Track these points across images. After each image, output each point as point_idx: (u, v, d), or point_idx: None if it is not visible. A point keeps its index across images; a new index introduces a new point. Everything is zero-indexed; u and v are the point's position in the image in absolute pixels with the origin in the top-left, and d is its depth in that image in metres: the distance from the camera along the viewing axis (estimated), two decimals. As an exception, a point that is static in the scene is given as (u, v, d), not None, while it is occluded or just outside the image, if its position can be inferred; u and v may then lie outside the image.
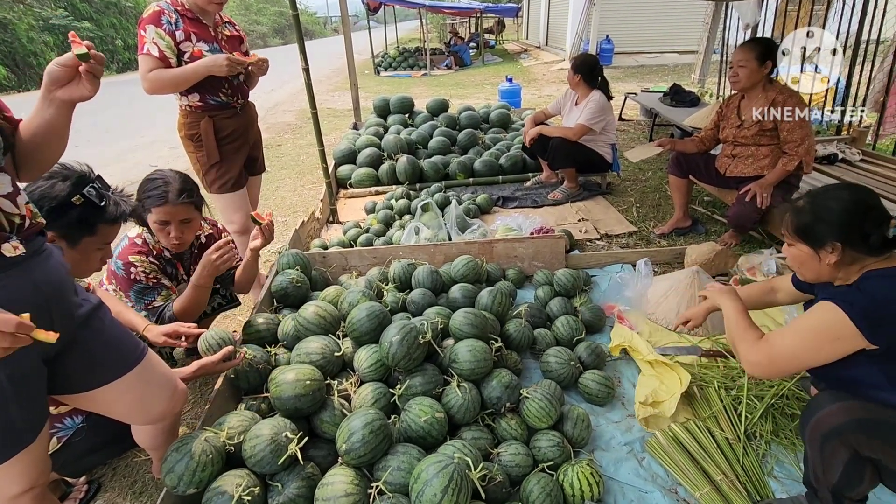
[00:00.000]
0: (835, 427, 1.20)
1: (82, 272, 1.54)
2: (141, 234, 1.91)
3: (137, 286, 1.83)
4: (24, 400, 1.04)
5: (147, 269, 1.85)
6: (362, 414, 1.50)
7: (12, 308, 0.97)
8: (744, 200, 2.72)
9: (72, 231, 1.42)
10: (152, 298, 1.86)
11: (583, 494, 1.52)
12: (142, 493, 1.72)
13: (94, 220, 1.45)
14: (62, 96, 1.06)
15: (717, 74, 6.27)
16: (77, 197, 1.39)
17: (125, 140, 7.36)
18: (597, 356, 2.09)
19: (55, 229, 1.39)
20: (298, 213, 4.11)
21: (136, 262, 1.83)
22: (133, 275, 1.82)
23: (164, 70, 2.16)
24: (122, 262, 1.82)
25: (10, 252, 0.98)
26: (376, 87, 10.76)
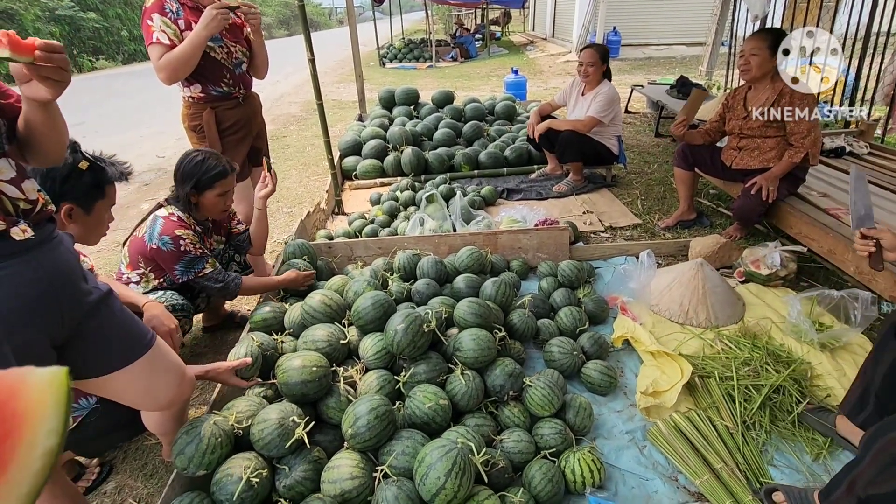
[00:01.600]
0: None
1: (97, 236, 1.64)
2: (172, 212, 1.98)
3: (187, 257, 1.94)
4: None
5: (194, 241, 1.97)
6: (368, 400, 1.52)
7: (21, 294, 1.00)
8: (749, 193, 2.72)
9: (86, 197, 1.53)
10: (202, 267, 1.98)
11: (584, 480, 1.55)
12: (152, 476, 1.76)
13: (101, 182, 1.56)
14: (26, 93, 0.99)
15: (726, 67, 6.22)
16: (83, 162, 1.49)
17: (131, 131, 7.39)
18: (599, 346, 2.11)
19: (72, 198, 1.49)
20: (304, 204, 4.13)
21: (184, 236, 1.94)
22: (183, 246, 1.93)
23: (171, 52, 2.17)
24: (168, 237, 1.91)
25: (20, 235, 0.99)
26: (381, 79, 10.73)
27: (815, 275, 2.69)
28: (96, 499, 1.69)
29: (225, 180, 2.02)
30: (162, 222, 1.94)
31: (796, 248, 2.60)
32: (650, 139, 5.43)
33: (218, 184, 2.00)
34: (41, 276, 1.04)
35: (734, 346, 2.12)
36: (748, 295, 2.52)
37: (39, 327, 1.04)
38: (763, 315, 2.35)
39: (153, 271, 1.99)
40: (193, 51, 2.19)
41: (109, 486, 1.73)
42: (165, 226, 1.93)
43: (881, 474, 1.15)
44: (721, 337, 2.20)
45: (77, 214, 1.53)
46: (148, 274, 1.99)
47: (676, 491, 1.60)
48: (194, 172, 1.97)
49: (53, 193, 1.47)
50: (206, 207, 2.06)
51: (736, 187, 3.06)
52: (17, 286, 0.99)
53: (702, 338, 2.21)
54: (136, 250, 1.97)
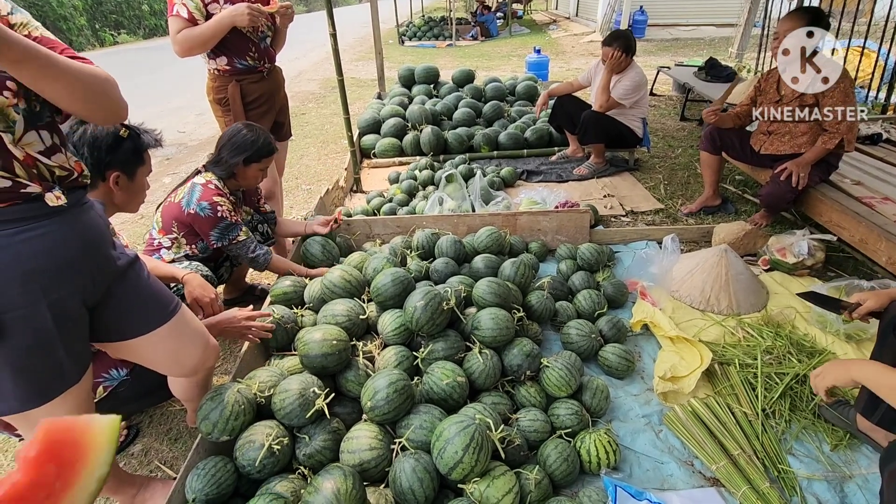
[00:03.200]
0: None
1: (137, 203, 1.69)
2: (209, 180, 2.04)
3: (223, 224, 2.01)
4: (70, 342, 1.10)
5: (230, 209, 2.03)
6: (387, 374, 1.54)
7: (55, 253, 1.02)
8: (779, 179, 2.64)
9: (129, 163, 1.58)
10: (236, 234, 2.06)
11: (599, 461, 1.55)
12: (177, 440, 1.82)
13: (140, 148, 1.61)
14: None
15: (757, 49, 5.99)
16: (123, 130, 1.54)
17: (152, 106, 7.46)
18: (618, 330, 2.09)
19: (116, 165, 1.54)
20: (323, 181, 4.15)
21: (221, 202, 2.00)
22: (220, 213, 1.99)
23: (191, 29, 2.18)
24: (207, 202, 1.97)
25: (53, 202, 1.02)
26: (401, 57, 10.60)
27: (844, 265, 2.62)
28: (124, 459, 1.76)
29: (270, 157, 2.12)
30: (201, 189, 2.00)
31: (825, 236, 2.53)
32: (675, 122, 5.30)
33: (265, 159, 2.10)
34: (73, 237, 1.06)
35: (756, 335, 2.08)
36: (772, 283, 2.47)
37: (72, 287, 1.07)
38: (787, 304, 2.30)
39: (186, 237, 2.03)
40: (213, 35, 2.20)
41: (136, 448, 1.80)
42: (204, 192, 1.99)
43: None
44: (743, 325, 2.17)
45: (122, 181, 1.58)
46: (180, 239, 2.03)
47: (692, 475, 1.60)
48: (246, 146, 2.05)
49: (101, 162, 1.52)
50: (245, 178, 2.12)
51: (764, 173, 2.97)
52: (51, 246, 1.02)
53: (723, 325, 2.18)
54: (170, 215, 2.02)
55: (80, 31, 16.22)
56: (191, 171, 2.18)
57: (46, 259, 1.01)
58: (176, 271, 1.76)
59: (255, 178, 2.15)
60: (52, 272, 1.03)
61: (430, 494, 1.35)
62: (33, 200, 0.99)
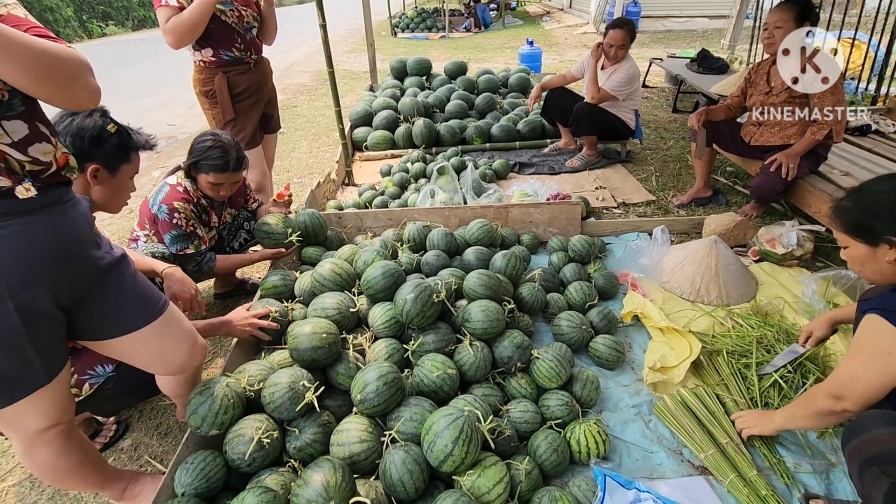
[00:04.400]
0: (878, 454, 1.09)
1: (119, 203, 1.67)
2: (181, 181, 2.00)
3: (176, 231, 1.97)
4: (40, 343, 1.07)
5: (188, 217, 1.99)
6: (377, 366, 1.54)
7: (23, 254, 0.98)
8: (768, 170, 2.65)
9: (112, 158, 1.56)
10: (185, 246, 2.01)
11: (589, 451, 1.56)
12: (167, 435, 1.81)
13: (128, 147, 1.59)
14: None
15: (749, 41, 5.99)
16: (112, 125, 1.53)
17: (142, 99, 7.36)
18: (608, 321, 2.10)
19: (98, 158, 1.52)
20: (314, 174, 4.12)
21: (180, 209, 1.96)
22: (176, 220, 1.95)
23: (179, 15, 2.14)
24: (167, 206, 1.94)
25: (23, 194, 0.98)
26: (393, 49, 10.51)
27: (833, 256, 2.64)
28: (113, 455, 1.75)
29: (220, 174, 1.99)
30: (167, 190, 1.97)
31: (814, 227, 2.55)
32: (667, 114, 5.30)
33: (212, 174, 1.98)
34: (46, 237, 1.03)
35: (745, 325, 2.10)
36: (762, 274, 2.49)
37: (44, 287, 1.05)
38: (776, 294, 2.32)
39: (156, 234, 2.02)
40: (201, 16, 2.15)
41: (126, 443, 1.79)
42: (169, 194, 1.96)
43: (865, 487, 1.12)
44: (732, 315, 2.18)
45: (102, 176, 1.56)
46: (152, 236, 2.03)
47: (681, 464, 1.61)
48: (197, 153, 1.98)
49: (82, 151, 1.49)
50: (200, 185, 2.07)
51: (755, 164, 2.98)
52: (20, 245, 0.99)
53: (713, 315, 2.20)
54: (144, 210, 2.03)
55: (66, 23, 15.93)
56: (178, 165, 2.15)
57: (15, 259, 0.98)
58: (156, 265, 1.74)
59: (207, 188, 2.04)
60: (21, 273, 0.99)
61: (421, 486, 1.35)
62: (3, 196, 0.96)
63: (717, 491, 1.51)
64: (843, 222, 1.30)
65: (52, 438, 1.22)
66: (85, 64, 1.01)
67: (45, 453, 1.23)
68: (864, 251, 1.26)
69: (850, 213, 1.28)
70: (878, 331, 1.18)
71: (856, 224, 1.26)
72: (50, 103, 1.01)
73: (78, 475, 1.32)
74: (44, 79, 0.93)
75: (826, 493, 1.49)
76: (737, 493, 1.47)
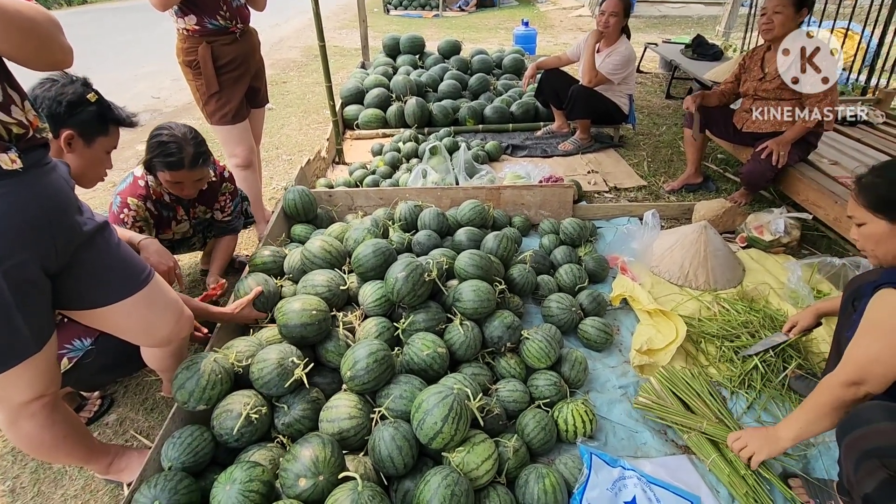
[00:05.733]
0: (880, 448, 1.08)
1: (93, 177, 1.60)
2: (144, 175, 1.90)
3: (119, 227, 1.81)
4: (29, 310, 1.05)
5: (137, 216, 1.86)
6: (367, 344, 1.53)
7: (9, 218, 0.96)
8: (759, 158, 2.66)
9: (89, 127, 1.50)
10: None
11: (576, 430, 1.58)
12: (153, 410, 1.79)
13: (107, 118, 1.53)
14: None
15: (744, 28, 5.97)
16: (92, 94, 1.48)
17: (126, 69, 7.12)
18: (598, 304, 2.11)
19: (74, 125, 1.47)
20: (304, 151, 4.04)
21: (132, 205, 1.84)
22: (123, 216, 1.83)
23: None
24: (119, 198, 1.84)
25: (7, 165, 0.95)
26: (385, 27, 10.28)
27: (818, 243, 2.68)
28: (98, 429, 1.73)
29: (176, 172, 1.79)
30: (129, 181, 1.88)
31: (801, 215, 2.58)
32: (660, 100, 5.28)
33: (169, 172, 1.79)
34: (32, 200, 1.00)
35: (731, 309, 2.13)
36: (748, 260, 2.52)
37: (31, 253, 1.02)
38: (762, 280, 2.35)
39: None
40: None
41: (111, 417, 1.77)
42: (127, 188, 1.86)
43: (859, 476, 1.12)
44: (719, 300, 2.21)
45: (77, 145, 1.50)
46: None
47: (664, 443, 1.64)
48: (150, 149, 1.79)
49: (58, 115, 1.44)
50: (167, 185, 1.87)
51: (746, 151, 3.00)
52: (5, 210, 0.96)
53: (699, 300, 2.23)
54: None
55: (44, -11, 15.30)
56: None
57: (1, 224, 0.95)
58: (133, 236, 1.70)
59: (169, 187, 1.85)
60: (8, 237, 0.97)
61: (409, 462, 1.36)
62: None
63: (700, 470, 1.55)
64: (867, 197, 1.27)
65: (37, 410, 1.20)
66: (56, 23, 0.98)
67: (30, 425, 1.21)
68: (884, 228, 1.24)
69: (876, 188, 1.25)
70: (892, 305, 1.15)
71: (882, 199, 1.24)
72: (25, 65, 0.97)
73: (63, 448, 1.31)
74: (21, 40, 0.91)
75: (803, 470, 1.54)
76: (718, 471, 1.51)
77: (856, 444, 1.12)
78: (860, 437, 1.12)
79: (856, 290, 1.44)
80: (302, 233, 2.40)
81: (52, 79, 1.47)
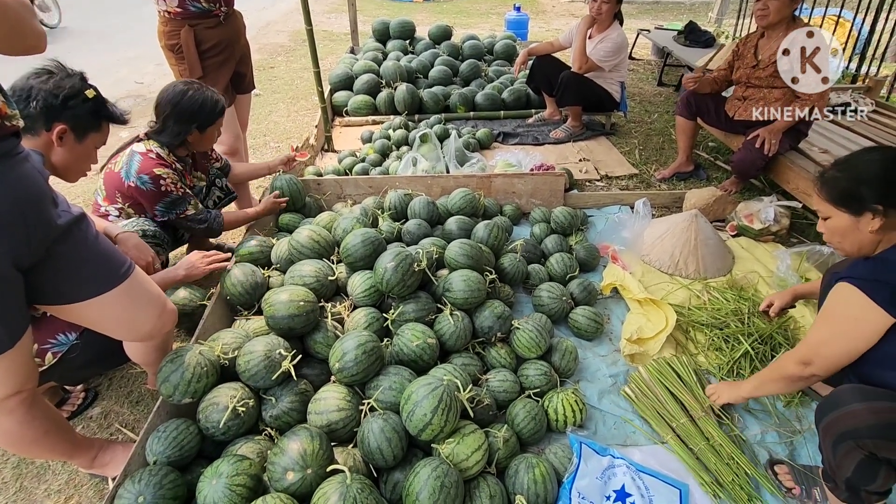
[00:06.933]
0: (854, 429, 1.11)
1: (78, 171, 1.57)
2: (150, 148, 1.87)
3: (169, 198, 1.86)
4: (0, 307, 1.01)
5: (175, 180, 1.88)
6: (356, 335, 1.51)
7: None
8: (751, 146, 2.66)
9: (82, 123, 1.49)
10: (184, 209, 1.92)
11: (566, 420, 1.58)
12: (138, 403, 1.76)
13: (101, 114, 1.52)
14: None
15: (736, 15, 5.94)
16: (90, 90, 1.47)
17: (107, 54, 6.93)
18: (588, 293, 2.11)
19: (67, 120, 1.45)
20: (292, 139, 3.97)
21: (164, 175, 1.84)
22: (164, 186, 1.84)
23: None
24: (147, 175, 1.81)
25: None
26: (375, 11, 10.09)
27: (807, 232, 2.69)
28: (82, 423, 1.70)
29: (222, 115, 1.96)
30: (140, 159, 1.82)
31: (791, 203, 2.59)
32: (652, 88, 5.26)
33: (219, 119, 1.94)
34: (2, 191, 0.96)
35: (721, 298, 2.14)
36: (738, 249, 2.53)
37: (2, 246, 0.98)
38: (751, 269, 2.36)
39: (132, 207, 1.89)
40: None
41: (95, 411, 1.74)
42: (143, 163, 1.82)
43: (837, 459, 1.17)
44: (708, 288, 2.22)
45: (68, 139, 1.47)
46: (127, 209, 1.89)
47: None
48: (197, 109, 1.88)
49: (53, 109, 1.41)
50: (201, 143, 1.99)
51: (737, 139, 2.99)
52: None
53: (689, 289, 2.23)
54: (112, 185, 1.86)
55: (22, -31, 14.80)
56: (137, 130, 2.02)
57: None
58: (111, 228, 1.65)
59: (212, 139, 2.01)
60: None
61: (399, 454, 1.35)
62: None
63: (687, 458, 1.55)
64: (829, 192, 1.30)
65: (15, 407, 1.17)
66: (28, 6, 0.94)
67: (8, 422, 1.18)
68: (847, 221, 1.27)
69: (837, 182, 1.28)
70: (847, 298, 1.22)
71: (843, 193, 1.26)
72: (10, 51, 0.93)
73: (44, 444, 1.28)
74: None
75: (789, 457, 1.55)
76: (705, 459, 1.52)
77: (831, 427, 1.17)
78: (834, 420, 1.16)
79: (829, 279, 1.46)
80: (290, 222, 2.36)
81: (49, 70, 1.44)
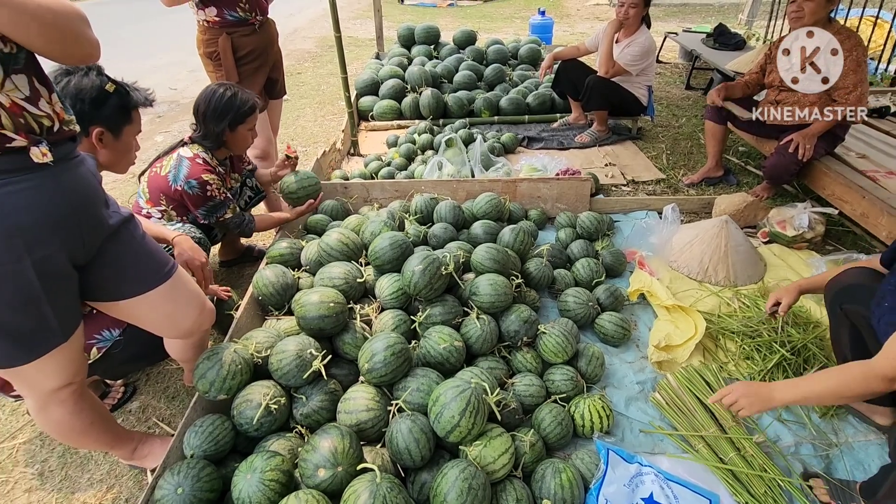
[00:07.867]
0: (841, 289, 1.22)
1: (126, 163, 1.63)
2: (197, 153, 1.95)
3: (212, 202, 1.95)
4: (56, 301, 1.07)
5: (219, 186, 1.97)
6: (384, 337, 1.54)
7: (40, 209, 0.97)
8: (784, 151, 2.60)
9: (114, 120, 1.52)
10: (223, 212, 2.00)
11: (592, 426, 1.58)
12: (174, 398, 1.83)
13: (128, 106, 1.54)
14: None
15: (768, 17, 5.81)
16: (110, 84, 1.48)
17: (142, 61, 7.19)
18: (615, 299, 2.09)
19: (100, 121, 1.48)
20: (319, 143, 4.06)
21: (210, 181, 1.93)
22: (209, 192, 1.93)
23: None
24: (195, 181, 1.89)
25: (38, 158, 0.96)
26: (400, 17, 10.22)
27: (843, 239, 2.62)
28: (121, 416, 1.77)
29: (255, 114, 2.01)
30: (188, 164, 1.91)
31: (827, 210, 2.52)
32: (680, 91, 5.18)
33: (250, 119, 2.00)
34: (60, 193, 1.02)
35: (752, 306, 2.09)
36: (770, 256, 2.47)
37: (59, 244, 1.03)
38: (784, 277, 2.30)
39: (175, 209, 1.96)
40: None
41: (134, 405, 1.81)
42: (192, 168, 1.90)
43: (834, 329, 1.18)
44: (739, 296, 2.17)
45: (107, 139, 1.52)
46: (170, 212, 1.96)
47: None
48: (228, 108, 1.94)
49: (84, 115, 1.45)
50: (235, 143, 2.05)
51: (769, 144, 2.93)
52: (36, 201, 0.97)
53: (719, 296, 2.19)
54: (157, 188, 1.93)
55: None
56: (182, 131, 2.10)
57: (30, 215, 0.97)
58: (167, 232, 1.72)
59: (245, 140, 2.07)
60: (37, 229, 0.98)
61: (427, 455, 1.37)
62: (16, 153, 0.94)
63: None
64: None
65: (66, 397, 1.24)
66: (83, 17, 0.98)
67: (60, 412, 1.25)
68: None
69: None
70: None
71: None
72: (54, 59, 0.98)
73: (90, 434, 1.34)
74: (51, 36, 0.91)
75: (825, 471, 1.51)
76: (736, 469, 1.49)
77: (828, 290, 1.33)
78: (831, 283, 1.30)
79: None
80: (319, 224, 2.41)
81: (67, 70, 1.46)
